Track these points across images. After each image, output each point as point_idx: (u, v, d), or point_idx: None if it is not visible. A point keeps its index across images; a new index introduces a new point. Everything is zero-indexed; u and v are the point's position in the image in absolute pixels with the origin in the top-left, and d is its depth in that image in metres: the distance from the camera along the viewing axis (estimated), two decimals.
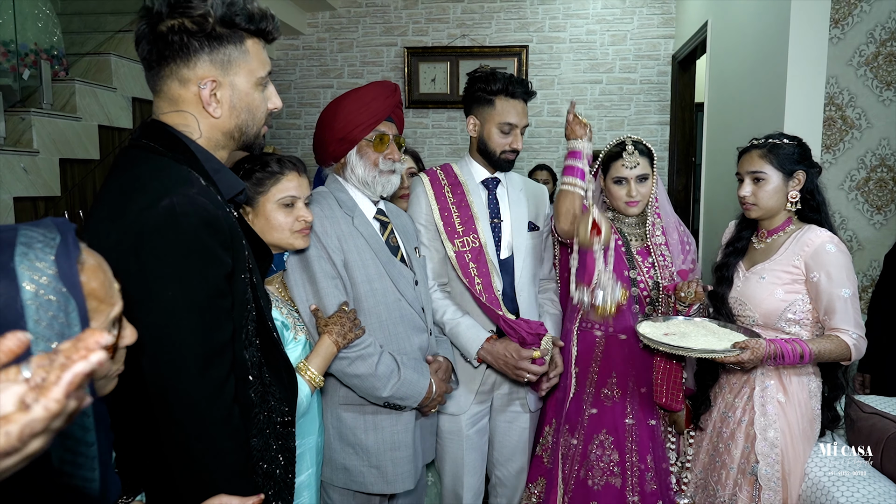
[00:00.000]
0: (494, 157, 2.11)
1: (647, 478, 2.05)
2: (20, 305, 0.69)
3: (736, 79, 3.65)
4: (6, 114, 3.00)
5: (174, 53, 1.13)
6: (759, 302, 1.91)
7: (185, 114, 1.18)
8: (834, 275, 1.80)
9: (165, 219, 1.06)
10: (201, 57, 1.14)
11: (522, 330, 2.00)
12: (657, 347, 1.86)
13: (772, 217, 1.95)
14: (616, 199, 2.13)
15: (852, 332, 1.80)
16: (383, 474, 1.81)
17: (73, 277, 0.73)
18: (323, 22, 5.42)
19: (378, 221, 1.91)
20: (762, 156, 1.91)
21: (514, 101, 2.08)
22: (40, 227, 0.75)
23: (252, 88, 1.21)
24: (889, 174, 3.20)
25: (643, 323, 1.99)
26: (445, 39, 5.29)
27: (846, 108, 3.17)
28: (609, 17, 5.15)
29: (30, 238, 0.72)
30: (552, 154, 5.29)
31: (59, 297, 0.71)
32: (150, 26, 1.14)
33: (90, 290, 0.76)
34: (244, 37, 1.18)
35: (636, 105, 5.19)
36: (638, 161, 2.08)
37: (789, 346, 1.77)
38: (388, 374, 1.75)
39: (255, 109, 1.24)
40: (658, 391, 2.03)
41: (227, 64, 1.16)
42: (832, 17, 3.05)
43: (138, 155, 1.17)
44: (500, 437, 2.21)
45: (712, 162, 4.21)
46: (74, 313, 0.72)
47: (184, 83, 1.16)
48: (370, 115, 1.82)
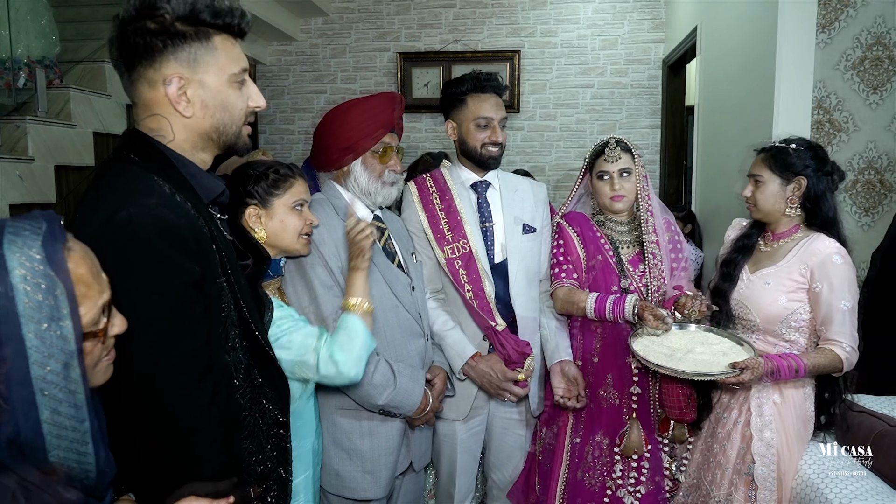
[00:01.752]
0: (477, 154, 2.10)
1: (644, 479, 2.07)
2: (11, 290, 0.72)
3: (726, 82, 3.69)
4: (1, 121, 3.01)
5: (140, 56, 1.13)
6: (762, 307, 1.92)
7: (158, 117, 1.16)
8: (836, 286, 1.82)
9: (122, 231, 1.05)
10: (166, 56, 1.12)
11: (510, 347, 2.00)
12: (655, 370, 1.85)
13: (776, 221, 1.97)
14: (601, 195, 2.14)
15: (846, 344, 1.82)
16: (377, 480, 1.82)
17: (60, 263, 0.76)
18: (316, 28, 5.45)
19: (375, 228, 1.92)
20: (764, 159, 1.95)
21: (484, 95, 2.10)
22: (27, 218, 0.79)
23: (225, 86, 1.19)
24: (876, 176, 3.24)
25: (639, 339, 1.96)
26: (438, 44, 5.32)
27: (834, 112, 3.21)
28: (600, 22, 5.19)
29: (17, 227, 0.76)
30: (544, 158, 5.33)
31: (48, 282, 0.75)
32: (118, 33, 1.14)
33: (77, 276, 0.79)
34: (211, 33, 1.16)
35: (627, 109, 5.23)
36: (620, 156, 2.10)
37: (785, 362, 1.79)
38: (384, 384, 1.76)
39: (231, 107, 1.21)
40: (671, 405, 2.00)
41: (193, 62, 1.14)
42: (819, 21, 3.09)
43: (110, 166, 1.17)
44: (496, 442, 2.21)
45: (703, 165, 4.25)
46: (63, 297, 0.75)
47: (152, 85, 1.14)
48: (377, 126, 1.83)
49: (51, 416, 0.75)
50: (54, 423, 0.75)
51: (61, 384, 0.75)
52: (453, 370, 2.05)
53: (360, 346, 1.60)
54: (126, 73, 1.16)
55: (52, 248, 0.76)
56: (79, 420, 0.77)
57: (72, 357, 0.75)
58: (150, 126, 1.17)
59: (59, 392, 0.75)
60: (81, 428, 0.77)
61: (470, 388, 2.09)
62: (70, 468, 0.78)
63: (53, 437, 0.75)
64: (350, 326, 1.61)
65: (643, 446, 2.04)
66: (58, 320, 0.75)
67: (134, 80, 1.16)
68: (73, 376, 0.76)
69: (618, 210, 2.14)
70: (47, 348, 0.74)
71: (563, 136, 5.30)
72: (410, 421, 1.88)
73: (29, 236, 0.75)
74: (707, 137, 4.16)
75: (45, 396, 0.74)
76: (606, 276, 2.11)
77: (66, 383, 0.75)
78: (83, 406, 0.77)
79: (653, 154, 5.19)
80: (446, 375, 2.00)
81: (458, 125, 2.14)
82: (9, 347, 0.72)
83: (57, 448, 0.76)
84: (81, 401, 0.77)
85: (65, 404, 0.76)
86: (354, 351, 1.58)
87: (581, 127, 5.28)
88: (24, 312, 0.73)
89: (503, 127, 2.12)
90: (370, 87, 5.42)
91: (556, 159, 5.32)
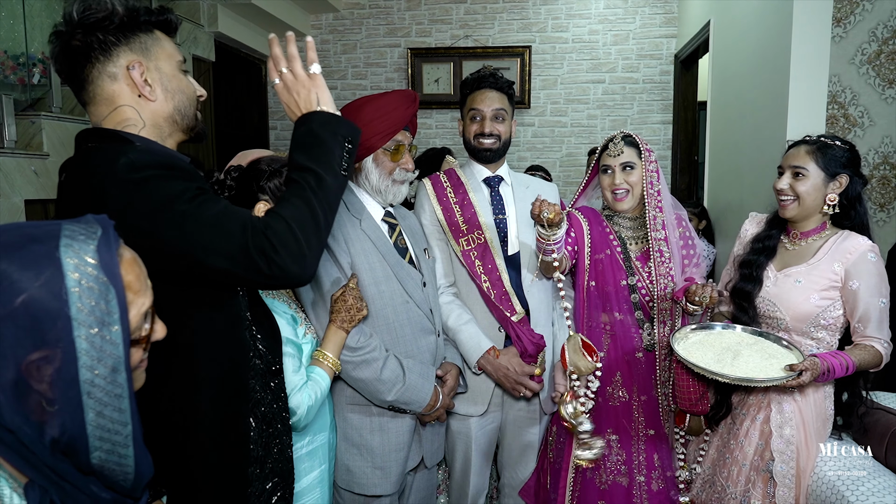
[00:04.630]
0: (470, 147, 2.18)
1: (654, 476, 2.05)
2: (65, 293, 0.73)
3: (739, 78, 3.66)
4: (16, 117, 3.03)
5: (93, 54, 1.18)
6: (793, 305, 1.89)
7: (124, 108, 1.21)
8: (874, 284, 1.81)
9: (127, 169, 1.10)
10: (121, 49, 1.19)
11: (526, 339, 2.01)
12: (715, 378, 1.78)
13: (806, 218, 1.93)
14: (603, 188, 2.14)
15: (884, 340, 1.82)
16: (387, 475, 1.82)
17: (113, 268, 0.78)
18: (326, 23, 5.45)
19: (386, 223, 1.92)
20: (809, 152, 1.89)
21: (480, 90, 2.16)
22: (82, 222, 0.80)
23: (177, 71, 1.26)
24: (892, 171, 3.21)
25: (681, 341, 1.91)
26: (448, 40, 5.31)
27: (849, 107, 3.19)
28: (611, 17, 5.17)
29: (73, 231, 0.78)
30: (555, 154, 5.31)
31: (101, 286, 0.76)
32: (62, 44, 1.19)
33: (127, 283, 0.81)
34: (150, 28, 1.24)
35: (639, 104, 5.21)
36: (622, 150, 2.08)
37: (837, 360, 1.77)
38: (394, 380, 1.76)
39: (187, 90, 1.28)
40: (683, 397, 1.99)
41: (146, 50, 1.22)
42: (834, 15, 3.07)
43: (84, 156, 1.20)
44: (508, 440, 2.21)
45: (715, 161, 4.23)
46: (114, 302, 0.77)
47: (113, 77, 1.19)
48: (390, 124, 1.83)
49: (95, 418, 0.76)
50: (98, 426, 0.76)
51: (108, 388, 0.76)
52: (468, 364, 2.05)
53: (317, 402, 1.62)
54: (79, 77, 1.20)
55: (107, 254, 0.78)
56: (122, 424, 0.78)
57: (119, 362, 0.77)
58: (115, 120, 1.21)
59: (105, 396, 0.76)
60: (124, 431, 0.79)
61: (488, 383, 2.09)
62: (111, 470, 0.79)
63: (96, 439, 0.77)
64: (321, 381, 1.64)
65: (703, 428, 2.07)
66: (109, 325, 0.76)
67: (92, 79, 1.20)
68: (120, 381, 0.77)
69: (620, 210, 2.13)
70: (97, 352, 0.75)
71: (574, 131, 5.28)
72: (421, 417, 1.89)
73: (85, 241, 0.77)
74: (719, 133, 4.13)
75: (91, 399, 0.75)
76: (613, 271, 2.10)
77: (112, 387, 0.77)
78: (127, 410, 0.79)
79: (664, 150, 5.17)
80: (458, 372, 2.00)
81: (463, 124, 2.23)
82: (59, 349, 0.73)
83: (99, 450, 0.77)
84: (126, 405, 0.78)
85: (110, 408, 0.77)
86: (315, 408, 1.61)
87: (592, 123, 5.26)
88: (76, 316, 0.73)
89: (501, 120, 2.15)
90: (380, 83, 5.43)
91: (567, 155, 5.30)
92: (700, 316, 2.04)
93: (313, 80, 1.29)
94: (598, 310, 2.11)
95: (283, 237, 1.14)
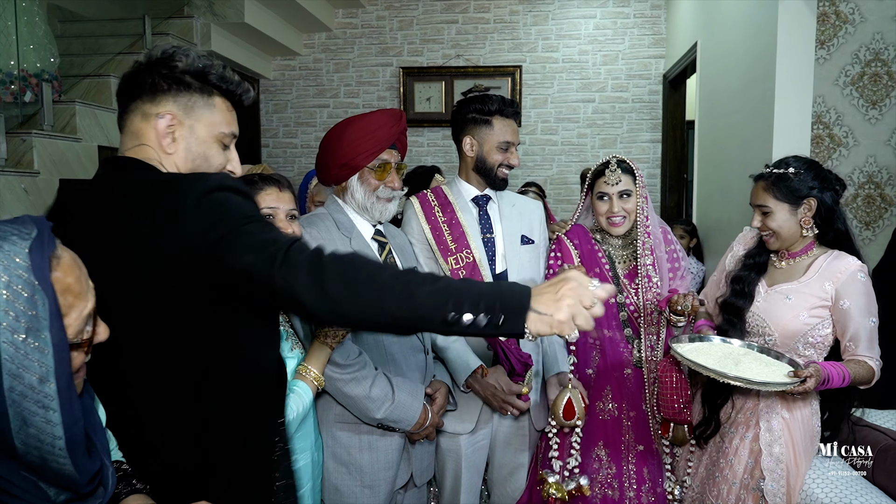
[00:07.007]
0: (493, 174, 2.16)
1: (644, 491, 2.06)
2: None
3: (726, 98, 3.72)
4: (7, 135, 3.04)
5: (143, 91, 1.21)
6: (782, 322, 1.90)
7: (147, 147, 1.22)
8: (864, 304, 1.82)
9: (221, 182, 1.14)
10: (166, 97, 1.21)
11: (514, 358, 2.00)
12: (724, 380, 1.77)
13: (792, 244, 1.94)
14: (599, 214, 2.16)
15: (876, 358, 1.83)
16: (376, 494, 1.81)
17: (44, 272, 0.74)
18: (319, 42, 5.50)
19: (376, 242, 1.93)
20: (766, 188, 1.90)
21: (508, 120, 2.16)
22: (17, 223, 0.76)
23: (212, 140, 1.26)
24: (877, 191, 3.26)
25: (683, 345, 1.91)
26: (440, 59, 5.37)
27: (833, 127, 3.24)
28: (601, 38, 5.24)
29: (4, 231, 0.74)
30: (545, 171, 5.35)
31: (30, 290, 0.72)
32: (129, 71, 1.24)
33: (66, 286, 0.77)
34: (213, 92, 1.25)
35: (628, 123, 5.26)
36: (620, 178, 2.12)
37: (835, 370, 1.77)
38: (383, 398, 1.75)
39: (211, 160, 1.27)
40: (667, 405, 2.00)
41: (189, 108, 1.23)
42: (818, 38, 3.12)
43: (115, 175, 1.23)
44: (498, 458, 2.20)
45: (704, 179, 4.27)
46: (44, 308, 0.73)
47: (146, 118, 1.22)
48: (375, 143, 1.84)
49: (21, 427, 0.72)
50: (26, 434, 0.73)
51: (34, 397, 0.72)
52: (457, 383, 2.05)
53: (299, 416, 1.61)
54: (125, 103, 1.24)
55: (39, 257, 0.73)
56: (53, 436, 0.74)
57: (48, 371, 0.73)
58: (139, 155, 1.23)
59: (31, 405, 0.72)
60: (56, 444, 0.75)
61: (476, 401, 2.09)
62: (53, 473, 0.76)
63: (25, 445, 0.73)
64: (304, 395, 1.64)
65: (687, 438, 2.07)
66: (37, 332, 0.72)
67: (131, 110, 1.23)
68: (48, 391, 0.73)
69: (615, 234, 2.17)
70: (22, 359, 0.71)
71: (565, 150, 5.33)
72: (410, 435, 1.88)
73: (17, 242, 0.73)
74: (707, 152, 4.18)
75: (14, 407, 0.71)
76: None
77: (39, 397, 0.72)
78: (58, 423, 0.74)
79: (653, 168, 5.22)
80: (448, 390, 2.00)
81: (478, 143, 2.16)
82: None
83: (33, 456, 0.74)
84: (56, 418, 0.74)
85: (37, 417, 0.73)
86: (296, 421, 1.61)
87: (582, 141, 5.31)
88: (3, 320, 0.70)
89: (513, 151, 2.20)
90: (373, 101, 5.47)
91: (558, 173, 5.34)
92: (683, 328, 2.06)
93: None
94: None
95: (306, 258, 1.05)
